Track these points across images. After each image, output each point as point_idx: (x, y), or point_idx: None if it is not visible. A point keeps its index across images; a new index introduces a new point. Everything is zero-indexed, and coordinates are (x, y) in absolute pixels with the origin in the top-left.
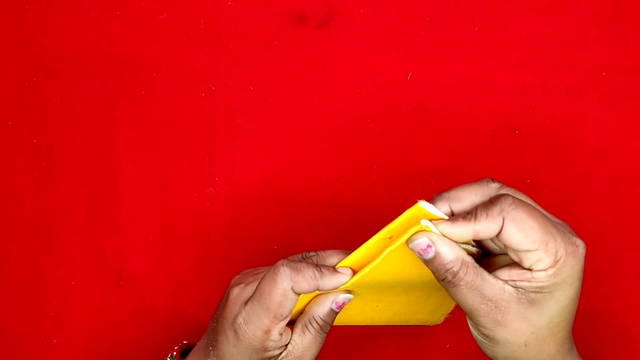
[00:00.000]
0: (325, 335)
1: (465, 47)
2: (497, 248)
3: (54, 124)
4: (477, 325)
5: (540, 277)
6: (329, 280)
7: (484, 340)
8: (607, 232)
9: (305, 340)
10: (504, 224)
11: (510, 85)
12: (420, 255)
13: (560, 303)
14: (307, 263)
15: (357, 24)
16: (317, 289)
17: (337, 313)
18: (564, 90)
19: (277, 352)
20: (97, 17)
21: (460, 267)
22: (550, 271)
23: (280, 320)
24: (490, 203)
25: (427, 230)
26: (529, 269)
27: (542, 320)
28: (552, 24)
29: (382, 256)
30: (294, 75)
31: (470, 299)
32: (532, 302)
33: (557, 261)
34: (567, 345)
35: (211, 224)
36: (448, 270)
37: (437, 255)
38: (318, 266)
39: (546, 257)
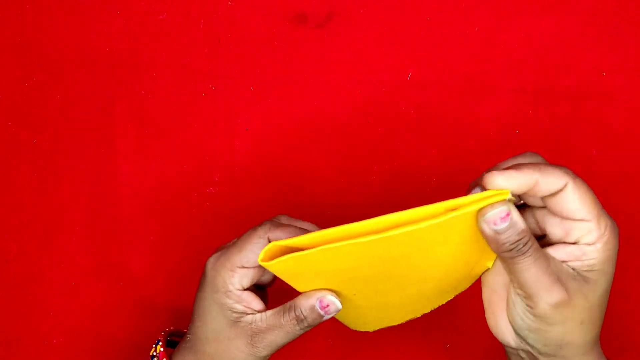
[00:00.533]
0: (299, 330)
1: (465, 47)
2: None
3: (54, 124)
4: (537, 304)
5: (591, 253)
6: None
7: (539, 325)
8: None
9: (275, 320)
10: (567, 189)
11: (510, 85)
12: (495, 224)
13: (608, 281)
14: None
15: (357, 24)
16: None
17: (321, 315)
18: (564, 90)
19: (239, 307)
20: (97, 17)
21: (530, 237)
22: (599, 245)
23: (245, 266)
24: (555, 166)
25: (506, 200)
26: (574, 243)
27: (595, 297)
28: (552, 24)
29: (440, 219)
30: (294, 75)
31: (535, 269)
32: (586, 280)
33: (604, 236)
34: (601, 328)
35: (211, 224)
36: (520, 239)
37: (511, 224)
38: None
39: (596, 229)
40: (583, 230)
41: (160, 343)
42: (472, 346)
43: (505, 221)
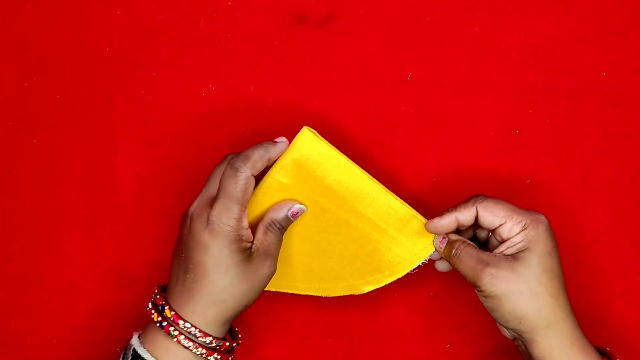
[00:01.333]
0: (282, 235)
1: (465, 47)
2: (495, 241)
3: (54, 124)
4: (480, 286)
5: (516, 240)
6: (274, 149)
7: (491, 303)
8: (607, 232)
9: (269, 238)
10: (478, 212)
11: (510, 85)
12: (440, 246)
13: (538, 256)
14: (251, 147)
15: (357, 24)
16: (269, 162)
17: (291, 221)
18: (564, 90)
19: (247, 244)
20: (97, 17)
21: (461, 242)
22: (523, 233)
23: (246, 207)
24: (467, 199)
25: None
26: (509, 238)
27: (528, 271)
28: (552, 24)
29: (383, 193)
30: (294, 75)
31: (470, 262)
32: (516, 258)
33: (525, 226)
34: (562, 300)
35: None
36: (453, 246)
37: (447, 242)
38: (261, 143)
39: (514, 225)
40: (506, 231)
41: (159, 297)
42: (473, 346)
43: (443, 242)
